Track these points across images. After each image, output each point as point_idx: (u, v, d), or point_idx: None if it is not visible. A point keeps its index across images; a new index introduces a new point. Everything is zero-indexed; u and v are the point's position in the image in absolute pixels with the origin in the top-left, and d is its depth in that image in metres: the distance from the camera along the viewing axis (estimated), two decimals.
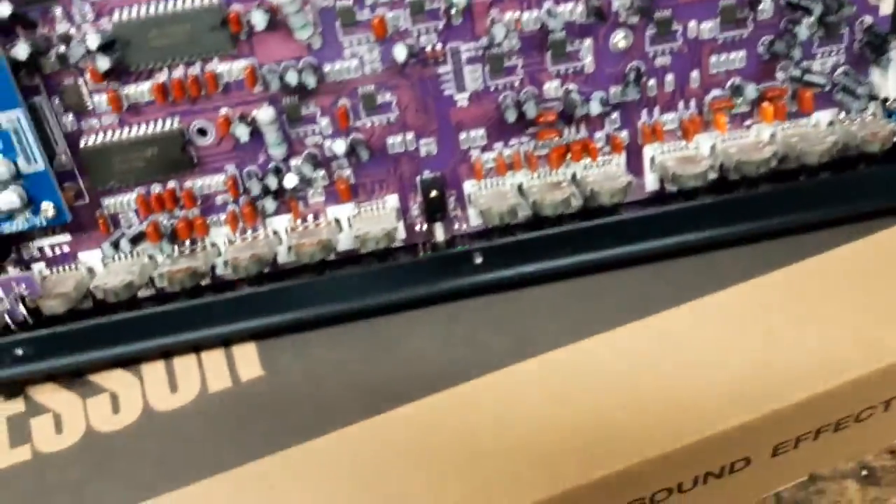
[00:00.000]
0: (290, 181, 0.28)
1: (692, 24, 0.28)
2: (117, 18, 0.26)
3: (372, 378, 0.29)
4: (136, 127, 0.28)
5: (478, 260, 0.29)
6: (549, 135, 0.29)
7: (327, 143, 0.28)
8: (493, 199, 0.29)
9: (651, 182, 0.31)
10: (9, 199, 0.27)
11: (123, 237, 0.29)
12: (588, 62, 0.28)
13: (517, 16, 0.27)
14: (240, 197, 0.29)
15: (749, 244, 0.30)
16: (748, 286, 0.29)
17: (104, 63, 0.26)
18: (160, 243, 0.29)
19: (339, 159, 0.29)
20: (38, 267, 0.30)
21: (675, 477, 0.28)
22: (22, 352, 0.29)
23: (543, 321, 0.29)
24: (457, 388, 0.28)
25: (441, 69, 0.28)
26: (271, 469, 0.27)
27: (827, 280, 0.29)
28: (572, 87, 0.28)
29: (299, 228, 0.30)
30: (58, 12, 0.26)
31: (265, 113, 0.27)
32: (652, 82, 0.29)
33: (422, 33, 0.27)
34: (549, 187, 0.29)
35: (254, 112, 0.27)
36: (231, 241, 0.30)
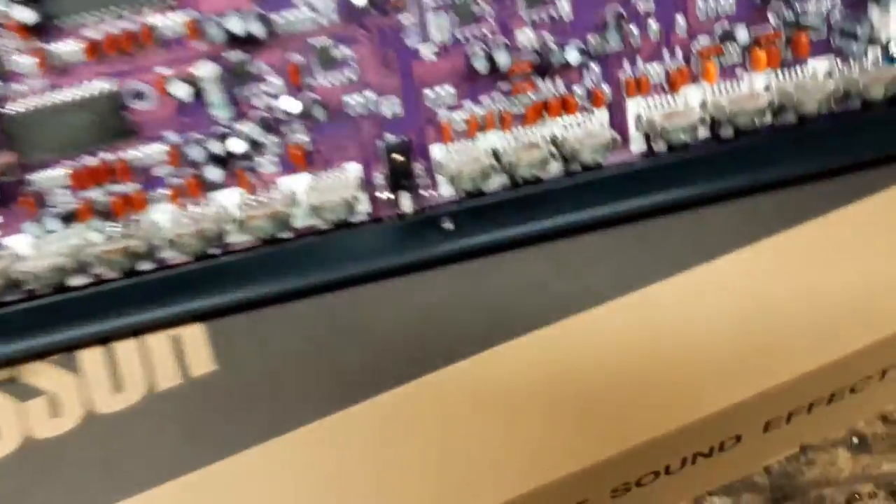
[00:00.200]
0: (236, 146, 0.25)
1: None
2: None
3: (336, 367, 0.26)
4: (65, 90, 0.25)
5: (447, 226, 0.26)
6: (524, 88, 0.26)
7: (278, 104, 0.25)
8: (464, 163, 0.26)
9: (637, 142, 0.28)
10: None
11: (51, 216, 0.26)
12: (565, 8, 0.26)
13: None
14: (183, 168, 0.26)
15: (745, 198, 0.27)
16: (740, 254, 0.27)
17: (28, 15, 0.23)
18: (92, 221, 0.26)
19: (291, 122, 0.26)
20: None
21: (661, 460, 0.26)
22: None
23: (521, 297, 0.26)
24: (428, 376, 0.25)
25: (403, 18, 0.25)
26: (229, 472, 0.24)
27: (824, 245, 0.27)
28: (548, 36, 0.26)
29: (251, 202, 0.27)
30: None
31: (206, 69, 0.24)
32: (635, 30, 0.26)
33: None
34: (526, 147, 0.27)
35: (194, 69, 0.24)
36: (174, 218, 0.27)
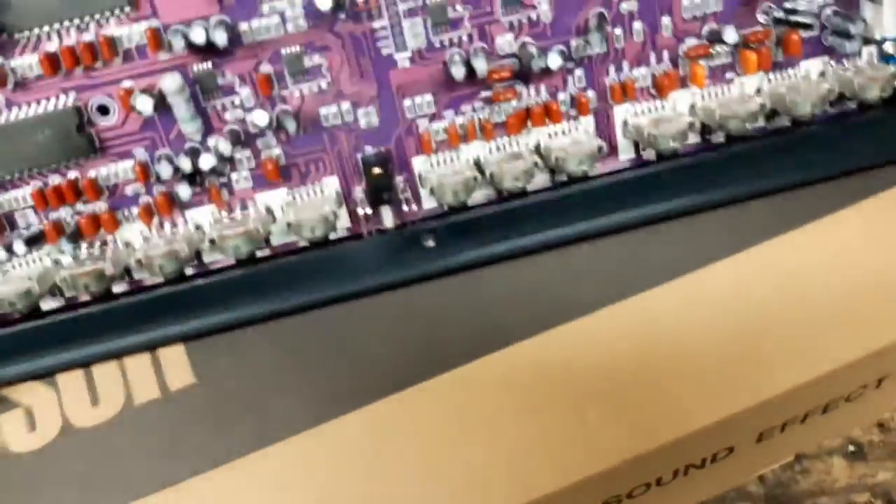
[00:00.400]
0: (205, 162, 0.24)
1: None
2: None
3: (317, 381, 0.25)
4: (25, 107, 0.24)
5: (429, 243, 0.25)
6: (506, 95, 0.25)
7: (248, 117, 0.24)
8: (446, 175, 0.25)
9: (625, 150, 0.27)
10: None
11: (17, 239, 0.25)
12: (544, 10, 0.25)
13: None
14: (152, 186, 0.25)
15: (736, 205, 0.26)
16: (730, 262, 0.26)
17: None
18: (60, 243, 0.25)
19: (264, 136, 0.25)
20: None
21: (653, 473, 0.25)
22: None
23: (511, 309, 0.25)
24: (417, 386, 0.24)
25: (377, 24, 0.24)
26: (208, 486, 0.23)
27: (819, 252, 0.26)
28: (528, 40, 0.25)
29: (224, 220, 0.26)
30: None
31: (170, 81, 0.23)
32: (619, 32, 0.25)
33: None
34: (509, 157, 0.26)
35: (158, 81, 0.23)
36: (146, 238, 0.26)
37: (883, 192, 0.26)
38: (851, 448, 0.31)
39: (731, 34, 0.25)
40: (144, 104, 0.23)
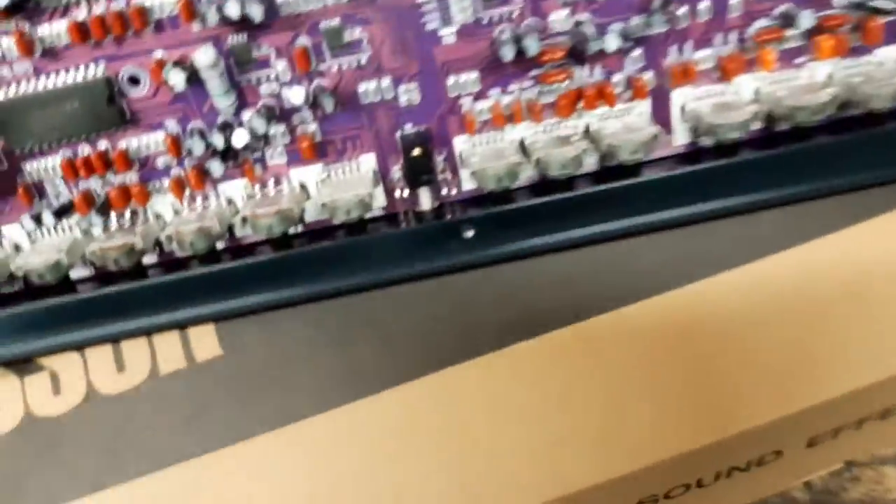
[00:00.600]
0: (239, 138, 0.23)
1: None
2: None
3: (346, 359, 0.24)
4: (53, 75, 0.23)
5: (468, 234, 0.24)
6: (557, 77, 0.23)
7: (284, 94, 0.23)
8: (489, 159, 0.24)
9: (681, 135, 0.25)
10: None
11: (46, 209, 0.24)
12: None
13: None
14: (184, 159, 0.24)
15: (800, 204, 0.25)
16: (791, 254, 0.24)
17: None
18: (89, 215, 0.24)
19: (299, 111, 0.24)
20: None
21: (694, 474, 0.24)
22: None
23: (551, 297, 0.24)
24: (440, 372, 0.24)
25: None
26: (232, 460, 0.23)
27: (885, 248, 0.24)
28: (584, 18, 0.23)
29: (257, 195, 0.25)
30: None
31: (204, 55, 0.22)
32: (683, 10, 0.23)
33: None
34: (557, 142, 0.24)
35: (191, 54, 0.22)
36: (177, 212, 0.25)
37: None
38: None
39: (805, 18, 0.23)
40: (177, 78, 0.22)
